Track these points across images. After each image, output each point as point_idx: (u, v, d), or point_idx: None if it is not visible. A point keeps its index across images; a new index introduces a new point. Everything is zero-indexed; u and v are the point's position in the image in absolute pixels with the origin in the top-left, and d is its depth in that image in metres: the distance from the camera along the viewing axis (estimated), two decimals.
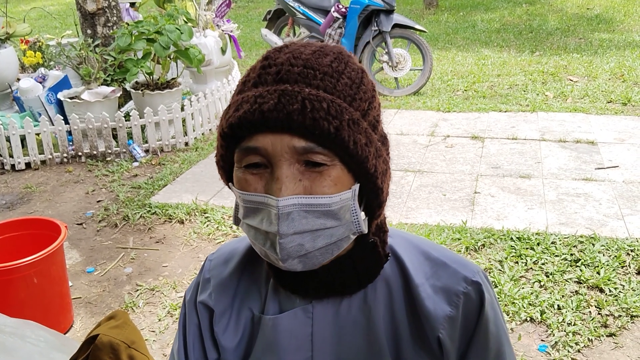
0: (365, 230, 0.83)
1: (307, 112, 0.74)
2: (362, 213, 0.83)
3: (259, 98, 0.76)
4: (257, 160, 0.79)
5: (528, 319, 2.67)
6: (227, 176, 0.88)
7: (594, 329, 2.57)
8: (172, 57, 5.02)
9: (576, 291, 2.83)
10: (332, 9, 6.24)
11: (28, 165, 4.75)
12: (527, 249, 3.16)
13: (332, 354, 0.91)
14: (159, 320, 2.84)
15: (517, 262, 3.07)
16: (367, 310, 0.90)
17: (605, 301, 2.73)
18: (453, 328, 0.88)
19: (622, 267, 2.99)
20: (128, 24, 4.97)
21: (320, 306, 0.90)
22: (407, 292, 0.90)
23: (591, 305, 2.72)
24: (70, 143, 4.84)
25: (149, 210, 3.86)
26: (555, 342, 2.51)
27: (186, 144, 5.07)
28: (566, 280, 2.90)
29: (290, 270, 0.82)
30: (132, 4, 6.39)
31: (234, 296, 0.97)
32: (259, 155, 0.78)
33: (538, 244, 3.19)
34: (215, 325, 0.96)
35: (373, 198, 0.83)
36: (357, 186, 0.80)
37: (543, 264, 3.03)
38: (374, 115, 0.83)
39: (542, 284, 2.89)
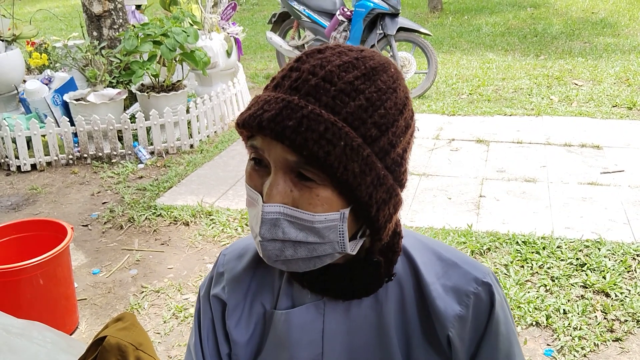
0: (350, 251, 0.83)
1: (300, 131, 0.74)
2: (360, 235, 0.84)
3: (266, 104, 0.77)
4: (260, 157, 0.81)
5: (534, 323, 2.66)
6: None
7: (600, 334, 2.56)
8: (177, 59, 5.04)
9: (582, 296, 2.82)
10: (337, 12, 6.24)
11: (34, 166, 4.77)
12: (532, 253, 3.15)
13: (342, 351, 0.92)
14: (164, 322, 2.84)
15: (522, 266, 3.06)
16: (379, 308, 0.91)
17: (611, 306, 2.72)
18: (463, 328, 0.89)
19: (628, 271, 2.98)
20: (134, 26, 4.98)
21: (331, 302, 0.91)
22: (419, 291, 0.91)
23: (597, 310, 2.72)
24: (76, 145, 4.86)
25: (154, 212, 3.86)
26: (561, 347, 2.51)
27: (191, 146, 5.07)
28: (572, 285, 2.89)
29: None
30: (138, 7, 6.41)
31: (246, 291, 0.98)
32: (260, 154, 0.80)
33: (544, 248, 3.18)
34: (228, 319, 0.97)
35: (368, 225, 0.82)
36: (346, 210, 0.79)
37: (549, 268, 3.02)
38: (389, 140, 0.79)
39: (547, 288, 2.88)
